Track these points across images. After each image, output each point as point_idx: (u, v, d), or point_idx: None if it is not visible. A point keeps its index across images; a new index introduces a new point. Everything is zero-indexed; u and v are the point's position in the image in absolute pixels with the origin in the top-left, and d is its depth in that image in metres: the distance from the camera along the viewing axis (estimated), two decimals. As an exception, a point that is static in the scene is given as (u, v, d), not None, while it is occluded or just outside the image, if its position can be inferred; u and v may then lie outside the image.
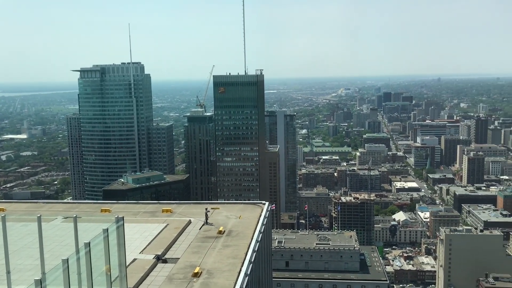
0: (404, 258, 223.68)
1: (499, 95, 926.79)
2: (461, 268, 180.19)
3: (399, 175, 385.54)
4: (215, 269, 40.62)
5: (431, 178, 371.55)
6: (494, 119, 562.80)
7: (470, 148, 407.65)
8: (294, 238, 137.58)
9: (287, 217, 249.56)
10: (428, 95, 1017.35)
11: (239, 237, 49.91)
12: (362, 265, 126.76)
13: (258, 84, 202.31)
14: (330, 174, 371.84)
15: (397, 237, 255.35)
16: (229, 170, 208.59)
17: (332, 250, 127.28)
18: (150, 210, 61.16)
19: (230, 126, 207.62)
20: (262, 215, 57.29)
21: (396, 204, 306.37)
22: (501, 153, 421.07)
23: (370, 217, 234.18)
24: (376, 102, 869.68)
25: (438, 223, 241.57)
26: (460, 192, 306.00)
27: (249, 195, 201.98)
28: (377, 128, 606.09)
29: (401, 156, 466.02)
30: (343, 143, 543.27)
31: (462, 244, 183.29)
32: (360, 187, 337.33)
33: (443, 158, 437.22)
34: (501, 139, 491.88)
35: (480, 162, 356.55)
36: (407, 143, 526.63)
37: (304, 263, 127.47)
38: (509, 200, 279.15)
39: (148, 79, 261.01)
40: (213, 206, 61.14)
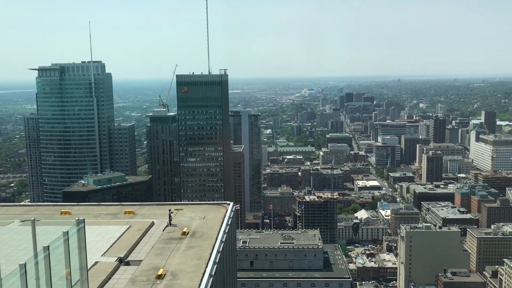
0: (367, 256, 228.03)
1: (456, 96, 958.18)
2: (421, 264, 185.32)
3: (361, 174, 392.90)
4: (179, 270, 40.25)
5: (392, 177, 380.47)
6: (452, 119, 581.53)
7: (429, 147, 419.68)
8: (258, 237, 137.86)
9: (252, 217, 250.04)
10: (389, 95, 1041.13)
11: (203, 238, 49.65)
12: (326, 263, 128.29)
13: (222, 83, 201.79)
14: (294, 173, 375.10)
15: (360, 235, 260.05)
16: (193, 170, 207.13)
17: (296, 249, 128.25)
18: (112, 212, 60.02)
19: (193, 126, 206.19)
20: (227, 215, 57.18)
21: (358, 203, 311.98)
22: (458, 152, 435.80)
23: (333, 215, 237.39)
24: (339, 103, 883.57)
25: (398, 220, 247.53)
26: (419, 190, 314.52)
27: (213, 195, 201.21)
28: (340, 128, 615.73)
29: (363, 155, 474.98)
30: (307, 142, 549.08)
31: (421, 240, 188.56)
32: (324, 186, 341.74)
33: (403, 157, 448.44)
34: (458, 139, 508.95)
35: (439, 160, 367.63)
36: (369, 142, 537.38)
37: (269, 262, 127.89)
38: (466, 197, 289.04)
39: (109, 78, 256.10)
40: (176, 207, 60.57)
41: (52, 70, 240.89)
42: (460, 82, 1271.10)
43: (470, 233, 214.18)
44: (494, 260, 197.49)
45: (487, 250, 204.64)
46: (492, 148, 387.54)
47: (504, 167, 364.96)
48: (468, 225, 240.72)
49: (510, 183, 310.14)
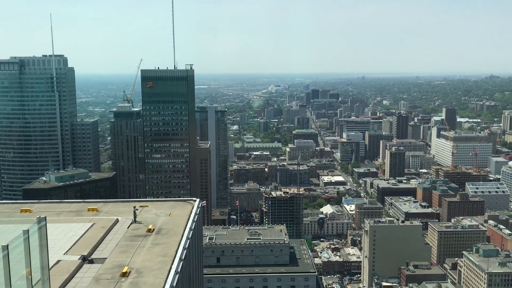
0: (332, 250, 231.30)
1: (419, 93, 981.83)
2: (384, 257, 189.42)
3: (327, 170, 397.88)
4: (144, 268, 39.80)
5: (356, 172, 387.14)
6: (414, 116, 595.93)
7: (392, 143, 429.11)
8: (225, 234, 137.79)
9: (218, 213, 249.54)
10: (353, 92, 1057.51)
11: (169, 234, 49.25)
12: (292, 258, 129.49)
13: (188, 79, 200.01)
14: (261, 169, 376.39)
15: (325, 229, 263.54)
16: (158, 167, 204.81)
17: (262, 245, 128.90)
18: (75, 209, 58.77)
19: (159, 122, 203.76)
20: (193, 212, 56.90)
21: (323, 198, 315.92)
22: (420, 147, 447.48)
23: (299, 210, 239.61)
24: (305, 99, 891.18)
25: (363, 215, 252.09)
26: (383, 185, 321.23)
27: (179, 192, 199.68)
28: (306, 124, 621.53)
29: (328, 151, 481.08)
30: (274, 138, 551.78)
31: (385, 234, 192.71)
32: (290, 182, 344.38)
33: (367, 153, 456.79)
34: (420, 135, 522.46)
35: (401, 156, 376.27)
36: (334, 138, 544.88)
37: (235, 258, 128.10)
38: (427, 192, 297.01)
39: (71, 73, 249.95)
40: (141, 204, 59.88)
41: (11, 64, 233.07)
42: (422, 80, 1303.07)
43: (431, 227, 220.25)
44: (454, 252, 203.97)
45: (447, 243, 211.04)
46: (452, 144, 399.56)
47: (464, 162, 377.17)
48: (430, 219, 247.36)
49: (469, 178, 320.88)
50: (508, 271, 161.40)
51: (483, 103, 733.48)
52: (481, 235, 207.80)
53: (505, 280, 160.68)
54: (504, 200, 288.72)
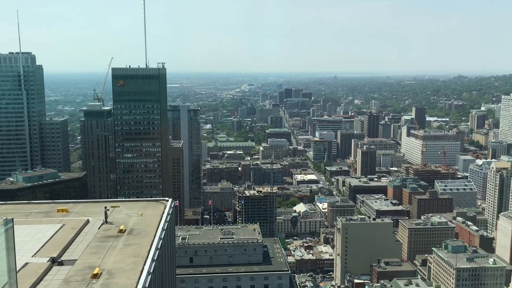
0: (305, 248, 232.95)
1: (389, 93, 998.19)
2: (356, 255, 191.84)
3: (300, 168, 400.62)
4: (116, 269, 39.23)
5: (329, 171, 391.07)
6: (385, 115, 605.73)
7: (363, 142, 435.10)
8: (198, 233, 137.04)
9: (191, 213, 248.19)
10: (326, 92, 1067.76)
11: (141, 235, 48.72)
12: (265, 257, 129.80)
13: (160, 77, 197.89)
14: (235, 168, 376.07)
15: (298, 228, 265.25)
16: (129, 166, 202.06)
17: (236, 244, 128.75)
18: (44, 210, 57.55)
19: (130, 121, 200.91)
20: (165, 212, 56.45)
21: (297, 196, 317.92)
22: (390, 146, 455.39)
23: (272, 209, 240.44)
24: (278, 98, 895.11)
25: (335, 213, 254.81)
26: (354, 183, 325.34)
27: (151, 192, 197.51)
28: (279, 123, 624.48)
29: (301, 150, 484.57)
30: (247, 138, 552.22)
31: (357, 232, 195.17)
32: (263, 181, 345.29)
33: (339, 152, 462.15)
34: (390, 133, 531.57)
35: (372, 155, 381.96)
36: (307, 137, 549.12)
37: (209, 258, 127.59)
38: (398, 190, 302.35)
39: (40, 71, 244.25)
40: (113, 205, 59.06)
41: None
42: (393, 79, 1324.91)
43: (402, 224, 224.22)
44: (424, 249, 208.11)
45: (417, 240, 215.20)
46: (422, 142, 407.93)
47: (433, 160, 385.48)
48: (400, 216, 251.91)
49: (438, 176, 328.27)
50: (475, 267, 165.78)
51: (452, 102, 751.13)
52: (450, 232, 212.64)
53: (473, 275, 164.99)
54: (471, 198, 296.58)
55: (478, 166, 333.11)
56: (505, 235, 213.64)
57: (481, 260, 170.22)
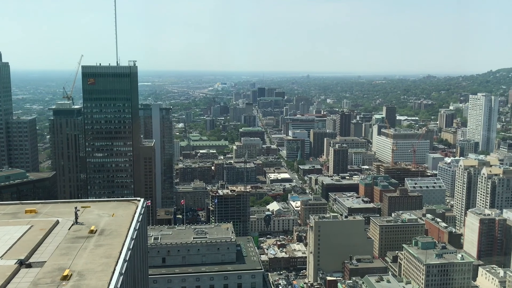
0: (278, 246, 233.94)
1: (360, 92, 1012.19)
2: (329, 252, 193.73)
3: (273, 167, 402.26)
4: (86, 270, 38.49)
5: (302, 169, 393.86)
6: (356, 114, 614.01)
7: (335, 140, 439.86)
8: (170, 233, 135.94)
9: (164, 212, 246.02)
10: (299, 91, 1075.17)
11: (113, 235, 47.95)
12: (239, 255, 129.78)
13: (131, 75, 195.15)
14: (208, 167, 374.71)
15: (271, 226, 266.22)
16: (100, 166, 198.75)
17: (209, 243, 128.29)
18: (11, 211, 56.10)
19: (101, 120, 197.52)
20: (137, 212, 55.77)
21: (270, 195, 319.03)
22: (362, 145, 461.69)
23: (246, 208, 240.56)
24: (251, 97, 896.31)
25: (308, 211, 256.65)
26: (327, 181, 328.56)
27: (122, 192, 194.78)
28: (253, 122, 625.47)
29: (274, 148, 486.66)
30: (220, 136, 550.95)
31: (329, 230, 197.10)
32: (237, 180, 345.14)
33: (312, 150, 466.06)
34: (362, 132, 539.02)
35: (344, 153, 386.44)
36: (280, 136, 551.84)
37: (181, 258, 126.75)
38: (369, 187, 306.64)
39: (6, 68, 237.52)
40: (83, 205, 58.02)
41: None
42: (364, 79, 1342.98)
43: (373, 221, 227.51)
44: (395, 246, 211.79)
45: (388, 236, 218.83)
46: (392, 141, 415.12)
47: (403, 159, 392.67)
48: (371, 213, 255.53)
49: (408, 173, 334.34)
50: (444, 262, 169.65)
51: (421, 101, 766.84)
52: (420, 229, 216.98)
53: (442, 271, 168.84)
54: (440, 195, 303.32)
55: (447, 164, 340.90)
56: (472, 231, 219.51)
57: (450, 256, 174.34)
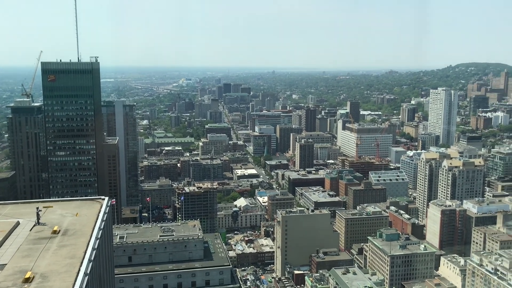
0: (246, 242, 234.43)
1: (325, 88, 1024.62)
2: (296, 246, 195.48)
3: (240, 163, 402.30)
4: (50, 271, 37.46)
5: (268, 165, 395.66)
6: (321, 109, 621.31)
7: (301, 136, 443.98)
8: (136, 232, 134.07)
9: (129, 211, 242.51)
10: (264, 86, 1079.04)
11: (77, 235, 46.84)
12: (206, 252, 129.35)
13: (93, 72, 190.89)
14: (173, 165, 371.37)
15: (239, 222, 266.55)
16: (62, 165, 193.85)
17: (176, 241, 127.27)
18: (-32, 213, 53.93)
19: (62, 118, 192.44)
20: (102, 211, 54.70)
21: (237, 191, 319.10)
22: (327, 139, 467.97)
23: (213, 205, 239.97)
24: (217, 93, 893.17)
25: (275, 206, 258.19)
26: (293, 176, 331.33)
27: (86, 191, 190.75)
28: (219, 118, 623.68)
29: (241, 144, 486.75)
30: (186, 133, 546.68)
31: (296, 224, 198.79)
32: (203, 177, 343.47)
33: (278, 146, 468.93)
34: (327, 127, 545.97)
35: (310, 148, 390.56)
36: (247, 132, 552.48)
37: (148, 256, 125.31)
38: (334, 181, 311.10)
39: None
40: (45, 205, 56.44)
41: None
42: (328, 75, 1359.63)
43: (339, 215, 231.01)
44: (360, 238, 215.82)
45: (353, 229, 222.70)
46: (356, 135, 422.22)
47: (367, 153, 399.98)
48: (337, 207, 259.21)
49: (372, 167, 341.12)
50: (407, 253, 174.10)
51: (384, 96, 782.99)
52: (384, 221, 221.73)
53: (405, 261, 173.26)
54: (403, 187, 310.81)
55: (409, 157, 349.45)
56: (434, 222, 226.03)
57: (413, 246, 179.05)
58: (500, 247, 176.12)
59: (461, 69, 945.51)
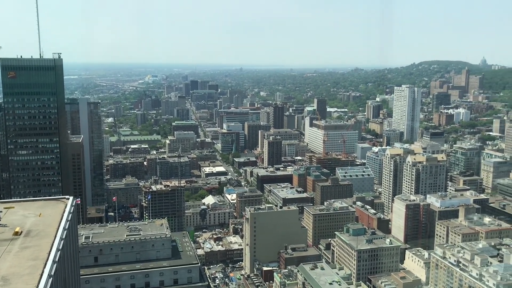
0: (214, 240, 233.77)
1: (293, 85, 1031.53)
2: (265, 243, 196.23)
3: (208, 161, 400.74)
4: (11, 274, 36.29)
5: (237, 162, 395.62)
6: (289, 106, 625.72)
7: (269, 133, 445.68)
8: (103, 232, 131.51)
9: (95, 210, 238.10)
10: (232, 84, 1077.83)
11: (40, 236, 45.54)
12: (174, 251, 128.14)
13: (56, 68, 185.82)
14: (140, 163, 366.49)
15: (207, 220, 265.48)
16: (24, 164, 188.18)
17: (143, 240, 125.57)
18: None
19: (24, 116, 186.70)
20: (66, 210, 53.41)
21: (205, 189, 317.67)
22: (295, 136, 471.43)
23: (181, 203, 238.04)
24: (184, 90, 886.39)
25: (244, 203, 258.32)
26: (262, 173, 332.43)
27: (50, 190, 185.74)
28: (186, 116, 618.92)
29: (209, 142, 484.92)
30: (152, 131, 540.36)
31: (265, 221, 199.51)
32: (171, 175, 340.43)
33: (247, 143, 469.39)
34: (295, 124, 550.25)
35: (278, 145, 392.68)
36: (215, 129, 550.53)
37: (115, 256, 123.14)
38: (302, 178, 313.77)
39: None
40: (6, 206, 54.78)
41: None
42: (296, 72, 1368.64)
43: (307, 211, 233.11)
44: (328, 233, 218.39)
45: (321, 225, 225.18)
46: (323, 132, 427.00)
47: (334, 149, 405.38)
48: (305, 203, 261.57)
49: (339, 163, 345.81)
50: (374, 247, 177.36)
51: (350, 94, 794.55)
52: (351, 216, 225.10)
53: (372, 255, 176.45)
54: (369, 183, 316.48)
55: (375, 153, 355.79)
56: (399, 217, 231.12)
57: (379, 241, 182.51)
58: (462, 239, 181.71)
59: (424, 67, 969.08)
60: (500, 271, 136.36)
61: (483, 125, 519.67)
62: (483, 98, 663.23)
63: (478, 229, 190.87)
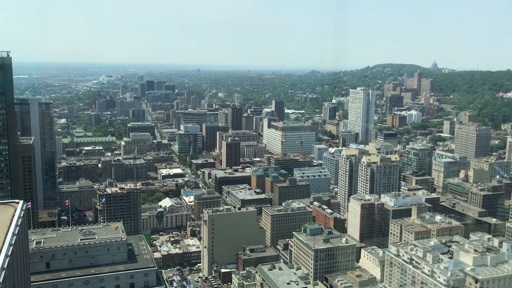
0: (171, 243, 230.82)
1: (251, 86, 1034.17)
2: (223, 245, 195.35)
3: (165, 163, 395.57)
4: (-46, 284, 34.25)
5: (195, 164, 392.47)
6: (247, 108, 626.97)
7: (228, 134, 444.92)
8: (55, 236, 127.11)
9: (46, 214, 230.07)
10: (189, 84, 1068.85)
11: (-14, 242, 43.30)
12: (130, 255, 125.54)
13: (4, 67, 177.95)
14: (94, 165, 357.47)
15: (164, 223, 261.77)
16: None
17: (98, 244, 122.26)
18: None
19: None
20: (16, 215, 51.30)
21: (162, 191, 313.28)
22: (253, 137, 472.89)
23: (137, 206, 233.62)
24: (140, 91, 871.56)
25: (201, 205, 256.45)
26: (220, 175, 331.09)
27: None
28: (142, 117, 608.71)
29: (166, 143, 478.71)
30: (107, 132, 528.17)
31: (223, 222, 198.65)
32: (126, 177, 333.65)
33: (205, 144, 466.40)
34: (253, 125, 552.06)
35: (237, 146, 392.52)
36: (172, 131, 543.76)
37: (68, 261, 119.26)
38: (261, 179, 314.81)
39: None
40: (-51, 210, 51.81)
41: None
42: (254, 73, 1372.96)
43: (265, 211, 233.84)
44: (286, 234, 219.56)
45: (279, 225, 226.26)
46: (281, 133, 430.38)
47: (292, 150, 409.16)
48: (263, 204, 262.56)
49: (296, 164, 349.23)
50: (330, 247, 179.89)
51: (307, 95, 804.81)
52: (308, 216, 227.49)
53: (328, 255, 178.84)
54: (325, 183, 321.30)
55: (331, 154, 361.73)
56: (355, 216, 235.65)
57: (336, 240, 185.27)
58: (415, 237, 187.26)
59: (378, 70, 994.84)
60: (450, 267, 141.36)
61: (434, 126, 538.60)
62: (434, 101, 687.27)
63: (430, 227, 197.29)
